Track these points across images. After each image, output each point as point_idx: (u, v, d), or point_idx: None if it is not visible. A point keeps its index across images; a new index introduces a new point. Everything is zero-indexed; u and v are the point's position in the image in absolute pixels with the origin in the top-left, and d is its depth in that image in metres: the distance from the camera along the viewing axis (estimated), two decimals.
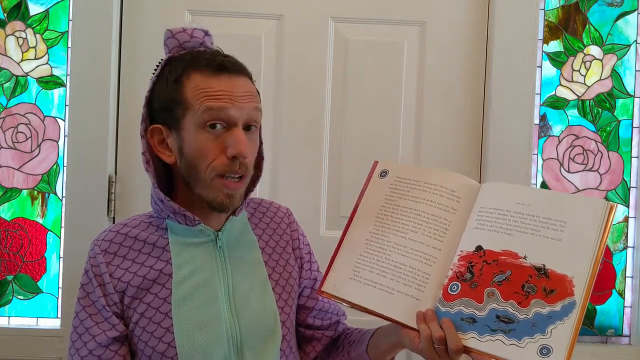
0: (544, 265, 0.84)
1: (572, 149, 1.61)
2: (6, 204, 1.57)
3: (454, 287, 0.87)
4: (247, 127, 0.94)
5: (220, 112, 0.90)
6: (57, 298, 1.57)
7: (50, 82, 1.57)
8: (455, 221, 0.92)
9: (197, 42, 0.97)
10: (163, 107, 0.94)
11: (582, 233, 0.84)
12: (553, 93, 1.61)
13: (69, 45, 1.55)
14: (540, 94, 1.60)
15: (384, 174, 1.02)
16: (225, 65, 0.93)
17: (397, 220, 0.95)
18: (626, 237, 1.62)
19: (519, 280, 0.83)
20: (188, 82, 0.92)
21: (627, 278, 1.62)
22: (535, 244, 0.85)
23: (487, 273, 0.85)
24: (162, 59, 0.98)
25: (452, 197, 0.93)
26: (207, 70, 0.92)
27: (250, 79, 0.97)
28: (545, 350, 0.78)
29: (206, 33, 0.98)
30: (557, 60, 1.60)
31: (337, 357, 1.08)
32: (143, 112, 0.97)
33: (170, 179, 1.01)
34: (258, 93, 0.97)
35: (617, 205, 0.86)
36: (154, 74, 0.97)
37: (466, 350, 0.83)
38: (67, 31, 1.56)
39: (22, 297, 1.57)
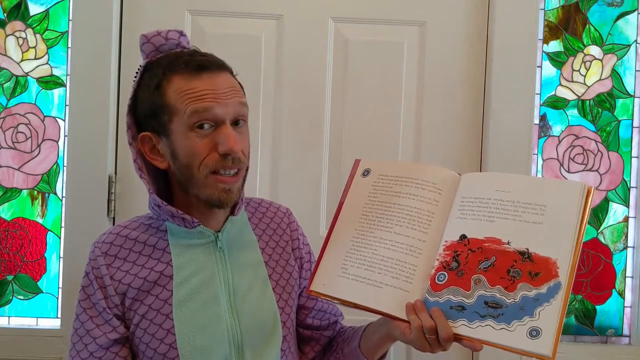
0: (528, 249, 0.85)
1: (572, 149, 1.61)
2: (6, 204, 1.57)
3: (441, 277, 0.88)
4: (235, 122, 0.93)
5: (206, 112, 0.89)
6: (57, 298, 1.57)
7: (50, 82, 1.57)
8: (438, 212, 0.93)
9: (173, 43, 0.96)
10: (148, 114, 0.93)
11: (562, 215, 0.85)
12: (553, 93, 1.61)
13: (69, 45, 1.55)
14: (540, 94, 1.60)
15: (366, 173, 1.03)
16: (204, 64, 0.91)
17: (382, 215, 0.96)
18: (626, 237, 1.62)
19: (504, 266, 0.85)
20: (169, 87, 0.91)
21: (627, 278, 1.62)
22: (518, 229, 0.86)
23: (472, 261, 0.87)
24: (140, 66, 0.97)
25: (433, 189, 0.95)
26: (187, 72, 0.91)
27: (232, 73, 0.96)
28: (534, 332, 0.80)
29: (181, 33, 0.97)
30: (557, 60, 1.60)
31: (332, 355, 1.09)
32: (127, 120, 0.97)
33: (167, 183, 1.01)
34: (242, 87, 0.97)
35: (594, 188, 0.87)
36: (134, 81, 0.97)
37: (457, 337, 0.84)
38: (67, 31, 1.56)
39: (22, 297, 1.57)
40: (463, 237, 0.89)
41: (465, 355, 1.60)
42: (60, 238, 1.57)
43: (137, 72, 0.97)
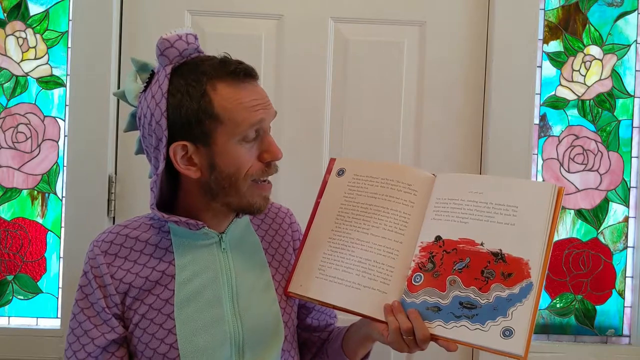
0: (501, 250, 0.87)
1: (572, 149, 1.61)
2: (6, 204, 1.57)
3: (418, 278, 0.89)
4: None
5: (259, 124, 0.91)
6: (57, 298, 1.57)
7: (50, 82, 1.57)
8: (414, 214, 0.95)
9: (193, 48, 0.93)
10: (186, 122, 0.89)
11: (533, 216, 0.87)
12: (553, 93, 1.61)
13: (69, 45, 1.55)
14: (540, 94, 1.60)
15: (341, 172, 1.04)
16: (250, 72, 0.92)
17: (358, 217, 0.98)
18: (626, 237, 1.62)
19: (478, 267, 0.87)
20: (215, 95, 0.89)
21: (627, 278, 1.62)
22: (491, 230, 0.88)
23: (447, 262, 0.88)
24: (154, 70, 0.94)
25: (409, 190, 0.96)
26: (233, 80, 0.90)
27: None
28: (507, 332, 0.82)
29: (195, 36, 0.95)
30: (557, 60, 1.60)
31: (318, 355, 1.10)
32: (165, 132, 0.89)
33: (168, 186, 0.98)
34: None
35: (564, 188, 0.89)
36: (147, 85, 0.93)
37: (433, 337, 0.86)
38: (67, 31, 1.56)
39: (22, 297, 1.58)
40: (438, 238, 0.91)
41: (465, 355, 1.60)
42: (60, 238, 1.57)
43: (149, 77, 0.94)
